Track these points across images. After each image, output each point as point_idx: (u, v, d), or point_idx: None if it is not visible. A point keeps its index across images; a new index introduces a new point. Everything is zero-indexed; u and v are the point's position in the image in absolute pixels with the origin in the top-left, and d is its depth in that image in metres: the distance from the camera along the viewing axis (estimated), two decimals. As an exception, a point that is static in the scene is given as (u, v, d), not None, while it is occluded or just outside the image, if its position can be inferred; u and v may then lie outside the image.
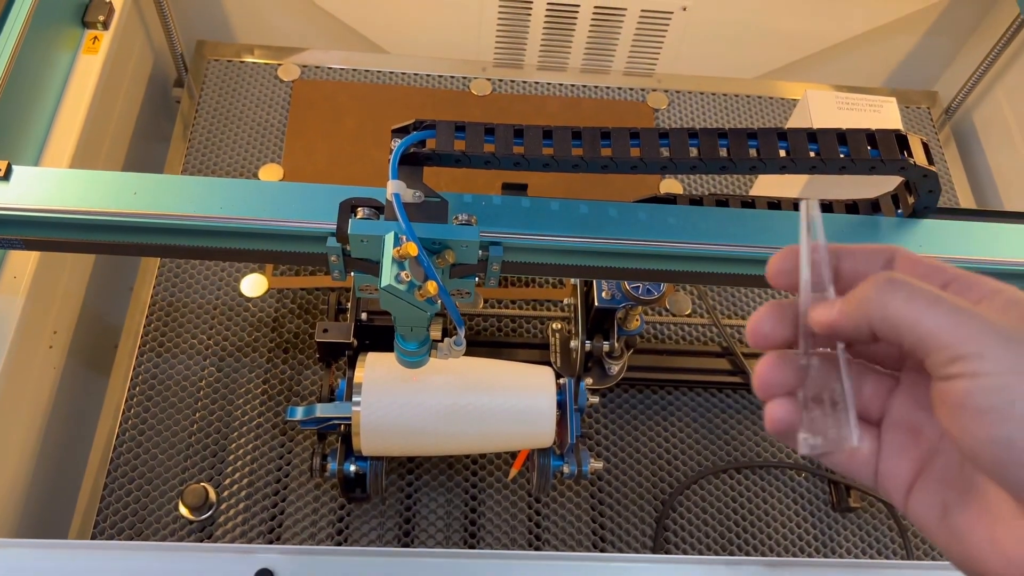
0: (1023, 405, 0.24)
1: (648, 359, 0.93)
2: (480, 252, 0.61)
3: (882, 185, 1.01)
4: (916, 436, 0.30)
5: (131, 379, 0.91)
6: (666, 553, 0.87)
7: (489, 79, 1.19)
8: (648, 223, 0.62)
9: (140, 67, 1.08)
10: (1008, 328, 0.25)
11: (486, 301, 0.99)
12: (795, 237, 0.56)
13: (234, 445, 0.89)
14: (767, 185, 1.06)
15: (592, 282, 0.80)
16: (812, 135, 0.62)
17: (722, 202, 0.68)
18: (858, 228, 0.66)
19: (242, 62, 1.17)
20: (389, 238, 0.57)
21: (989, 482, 0.27)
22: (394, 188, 0.58)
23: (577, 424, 0.77)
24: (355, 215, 0.60)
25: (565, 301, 0.88)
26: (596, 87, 1.21)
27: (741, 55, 1.28)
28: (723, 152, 0.60)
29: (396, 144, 0.61)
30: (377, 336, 0.84)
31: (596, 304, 0.78)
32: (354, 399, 0.74)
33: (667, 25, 1.20)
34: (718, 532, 0.89)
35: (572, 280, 0.86)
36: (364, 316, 0.84)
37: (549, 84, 1.21)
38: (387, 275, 0.55)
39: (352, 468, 0.79)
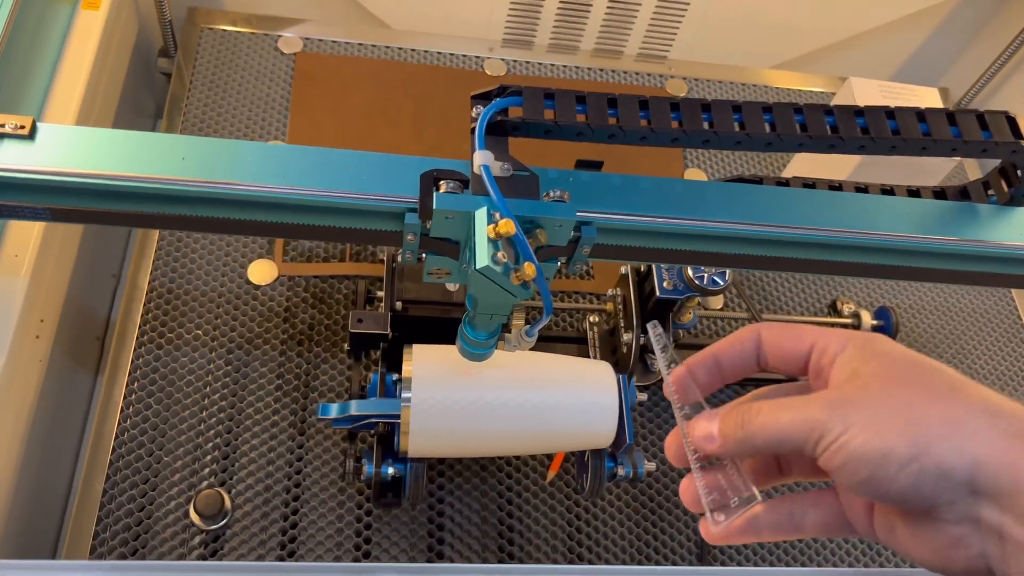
0: (860, 449, 0.31)
1: (686, 355, 0.89)
2: (572, 233, 0.55)
3: (926, 173, 0.99)
4: None
5: (129, 374, 0.82)
6: (712, 561, 0.83)
7: (504, 59, 1.13)
8: (750, 204, 0.58)
9: (127, 32, 0.99)
10: (832, 395, 0.33)
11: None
12: (889, 224, 0.54)
13: (247, 446, 0.81)
14: (803, 168, 1.03)
15: (651, 270, 0.75)
16: (921, 115, 0.58)
17: (808, 185, 0.64)
18: (954, 215, 0.62)
19: (238, 32, 1.08)
20: (481, 215, 0.51)
21: None
22: (482, 159, 0.52)
23: (631, 423, 0.72)
24: (438, 189, 0.53)
25: (608, 292, 0.83)
26: (612, 71, 1.17)
27: (751, 45, 1.25)
28: (860, 131, 0.56)
29: (479, 111, 0.55)
30: (413, 327, 0.78)
31: (657, 295, 0.73)
32: (403, 395, 0.67)
33: (685, 10, 1.16)
34: (764, 536, 0.85)
35: (621, 269, 0.80)
36: (399, 305, 0.77)
37: (564, 66, 1.15)
38: (483, 255, 0.49)
39: (390, 471, 0.73)
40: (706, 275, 0.72)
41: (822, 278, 1.03)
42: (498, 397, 0.67)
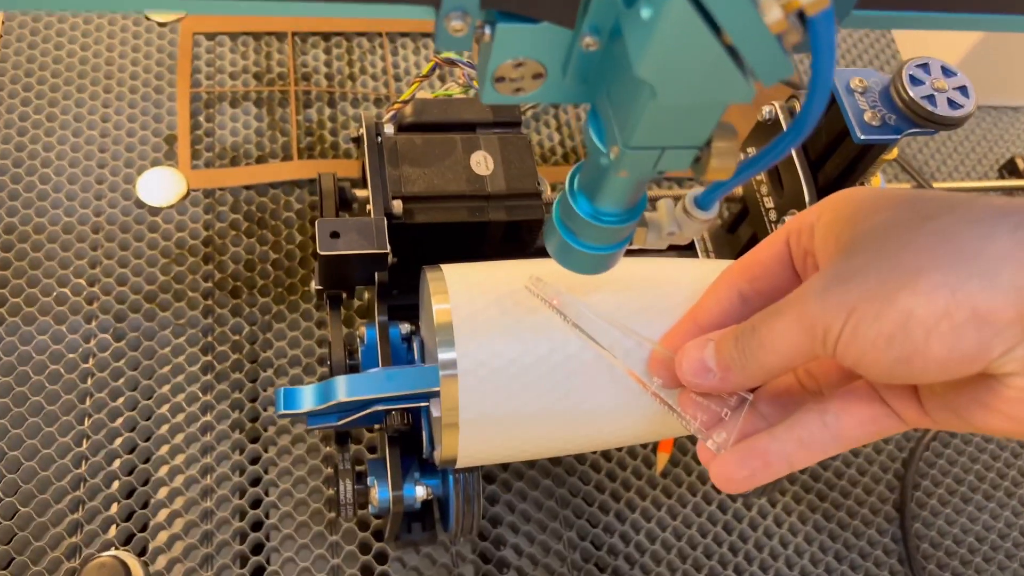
0: (873, 331, 0.24)
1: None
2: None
3: None
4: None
5: (-50, 369, 0.49)
6: (924, 562, 0.53)
7: None
8: None
9: None
10: (821, 280, 0.26)
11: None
12: None
13: (164, 469, 0.48)
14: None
15: (834, 101, 0.43)
16: None
17: None
18: None
19: None
20: None
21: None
22: None
23: None
24: None
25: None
26: None
27: None
28: None
29: None
30: (424, 244, 0.46)
31: (859, 136, 0.41)
32: (441, 355, 0.35)
33: None
34: (985, 513, 0.55)
35: (764, 111, 0.48)
36: (398, 207, 0.44)
37: None
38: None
39: (419, 493, 0.41)
40: (939, 90, 0.41)
41: (992, 133, 0.72)
42: (618, 344, 0.36)
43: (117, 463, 0.48)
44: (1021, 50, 0.69)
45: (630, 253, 0.34)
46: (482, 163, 0.47)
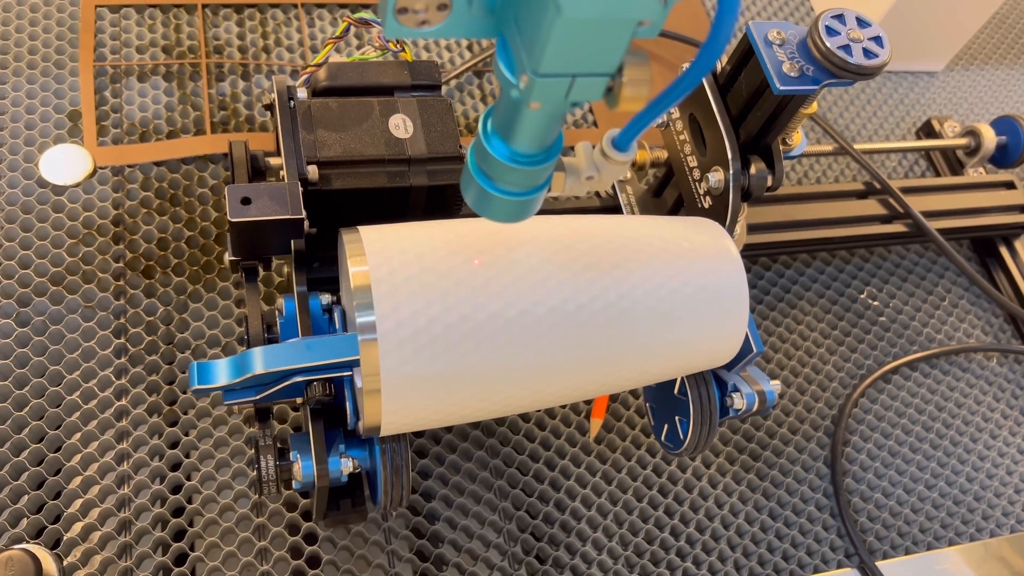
0: None
1: (765, 213, 0.58)
2: None
3: None
4: None
5: None
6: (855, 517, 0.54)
7: None
8: None
9: None
10: None
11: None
12: None
13: (78, 457, 0.46)
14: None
15: (750, 52, 0.43)
16: None
17: None
18: None
19: None
20: None
21: None
22: None
23: (751, 317, 0.41)
24: None
25: (659, 121, 0.50)
26: None
27: None
28: None
29: None
30: (341, 211, 0.44)
31: (779, 87, 0.41)
32: (359, 318, 0.34)
33: None
34: (906, 442, 0.56)
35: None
36: (313, 173, 0.43)
37: None
38: None
39: (344, 465, 0.40)
40: (855, 40, 0.41)
41: (909, 96, 0.73)
42: (549, 298, 0.35)
43: (25, 454, 0.45)
44: (935, 16, 0.70)
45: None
46: (401, 126, 0.45)
